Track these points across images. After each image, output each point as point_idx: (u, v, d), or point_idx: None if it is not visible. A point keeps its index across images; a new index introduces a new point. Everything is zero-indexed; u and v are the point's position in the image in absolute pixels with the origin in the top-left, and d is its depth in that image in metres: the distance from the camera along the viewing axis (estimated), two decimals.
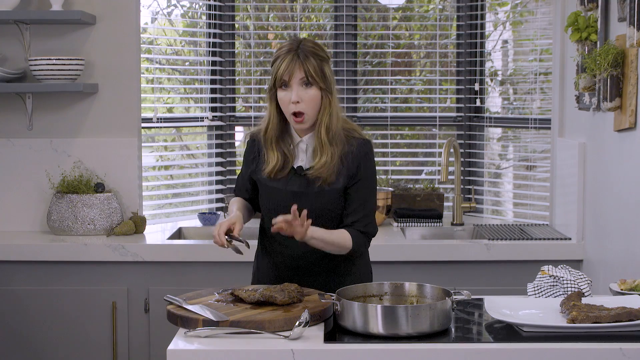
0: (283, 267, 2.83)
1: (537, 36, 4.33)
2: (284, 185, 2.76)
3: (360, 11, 4.73)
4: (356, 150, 2.75)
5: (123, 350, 3.80)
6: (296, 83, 2.69)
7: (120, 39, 4.06)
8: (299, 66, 2.68)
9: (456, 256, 3.79)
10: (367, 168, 2.77)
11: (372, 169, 2.79)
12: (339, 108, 2.78)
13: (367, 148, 2.78)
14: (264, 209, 2.84)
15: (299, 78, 2.69)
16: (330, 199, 2.74)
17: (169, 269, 3.79)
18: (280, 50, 2.73)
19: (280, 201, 2.76)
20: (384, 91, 4.72)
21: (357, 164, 2.75)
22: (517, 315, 2.37)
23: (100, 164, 4.08)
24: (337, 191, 2.74)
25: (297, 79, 2.69)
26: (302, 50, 2.70)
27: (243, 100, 4.71)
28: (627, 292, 2.54)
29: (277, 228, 2.57)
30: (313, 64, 2.69)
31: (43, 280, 3.78)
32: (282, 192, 2.76)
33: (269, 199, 2.80)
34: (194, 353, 2.18)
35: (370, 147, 2.79)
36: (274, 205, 2.78)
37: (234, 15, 4.64)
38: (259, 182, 2.83)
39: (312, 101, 2.70)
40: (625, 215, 3.20)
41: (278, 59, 2.71)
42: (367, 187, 2.77)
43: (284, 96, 2.71)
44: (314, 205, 2.71)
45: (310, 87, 2.70)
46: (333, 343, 2.21)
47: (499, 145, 4.66)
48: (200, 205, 4.60)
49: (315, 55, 2.71)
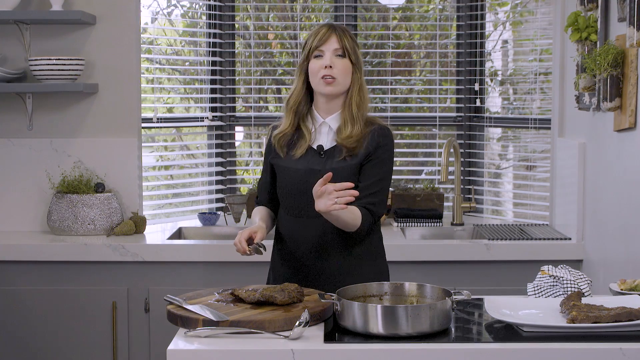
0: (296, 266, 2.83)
1: (537, 36, 4.33)
2: (300, 164, 2.79)
3: (360, 11, 4.73)
4: (377, 131, 2.79)
5: (123, 350, 3.80)
6: (330, 52, 2.77)
7: (120, 39, 4.07)
8: (335, 38, 2.77)
9: (456, 256, 3.79)
10: (386, 150, 2.80)
11: (391, 152, 2.82)
12: (367, 88, 2.86)
13: (389, 133, 2.83)
14: (280, 191, 2.85)
15: (333, 48, 2.77)
16: (346, 175, 2.74)
17: (169, 269, 3.79)
18: (315, 28, 2.82)
19: (295, 179, 2.78)
20: (384, 91, 4.72)
21: (376, 144, 2.77)
22: (517, 315, 2.37)
23: (100, 164, 4.08)
24: (353, 167, 2.75)
25: (332, 49, 2.77)
26: (338, 27, 2.81)
27: (243, 100, 4.71)
28: (627, 292, 2.54)
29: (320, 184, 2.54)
30: (349, 39, 2.79)
31: (43, 280, 3.78)
32: (299, 171, 2.78)
33: (284, 178, 2.81)
34: (194, 353, 2.18)
35: (391, 134, 2.84)
36: (289, 183, 2.79)
37: (234, 15, 4.64)
38: (276, 167, 2.85)
39: (345, 69, 2.77)
40: (625, 215, 3.20)
41: (313, 34, 2.80)
42: (384, 167, 2.80)
43: (317, 63, 2.77)
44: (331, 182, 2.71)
45: (343, 59, 2.77)
46: (333, 343, 2.21)
47: (499, 145, 4.66)
48: (200, 205, 4.60)
49: (349, 33, 2.82)
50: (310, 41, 2.79)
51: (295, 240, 2.82)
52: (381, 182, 2.78)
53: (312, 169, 2.76)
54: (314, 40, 2.78)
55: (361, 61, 2.83)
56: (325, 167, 2.75)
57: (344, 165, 2.75)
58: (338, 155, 2.76)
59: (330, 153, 2.78)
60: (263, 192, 2.94)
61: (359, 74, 2.80)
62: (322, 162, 2.77)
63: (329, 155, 2.78)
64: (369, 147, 2.76)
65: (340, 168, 2.74)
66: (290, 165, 2.81)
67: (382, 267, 2.91)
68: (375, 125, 2.81)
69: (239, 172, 4.75)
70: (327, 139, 2.81)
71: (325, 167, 2.75)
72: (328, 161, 2.76)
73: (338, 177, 2.69)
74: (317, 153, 2.79)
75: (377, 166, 2.78)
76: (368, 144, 2.76)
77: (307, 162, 2.78)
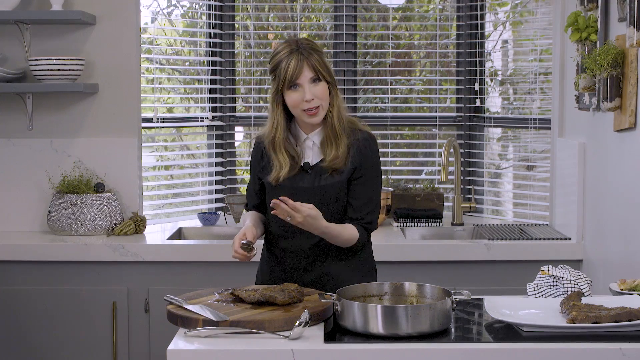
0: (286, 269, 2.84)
1: (537, 36, 4.33)
2: (290, 183, 2.78)
3: (360, 11, 4.73)
4: (361, 142, 2.78)
5: (123, 350, 3.80)
6: (306, 82, 2.71)
7: (120, 39, 4.07)
8: (306, 65, 2.70)
9: (456, 256, 3.79)
10: (373, 164, 2.80)
11: (377, 164, 2.82)
12: (342, 98, 2.83)
13: (372, 142, 2.81)
14: (268, 207, 2.84)
15: (308, 77, 2.71)
16: (334, 192, 2.75)
17: (169, 269, 3.79)
18: (279, 54, 2.73)
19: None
20: (384, 91, 4.72)
21: (362, 157, 2.77)
22: (517, 315, 2.37)
23: (100, 164, 4.08)
24: (341, 183, 2.76)
25: (307, 77, 2.71)
26: (303, 48, 2.72)
27: (243, 100, 4.71)
28: (627, 292, 2.54)
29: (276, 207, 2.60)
30: (317, 59, 2.72)
31: (43, 280, 3.78)
32: (288, 189, 2.77)
33: (272, 195, 2.80)
34: (194, 353, 2.18)
35: (375, 142, 2.82)
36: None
37: (234, 15, 4.64)
38: (266, 184, 2.84)
39: (324, 94, 2.74)
40: (625, 215, 3.20)
41: (282, 63, 2.71)
42: (374, 183, 2.80)
43: (295, 97, 2.72)
44: (320, 199, 2.73)
45: (319, 83, 2.73)
46: (333, 343, 2.21)
47: (499, 145, 4.66)
48: (201, 205, 4.60)
49: (315, 50, 2.74)
50: (282, 74, 2.71)
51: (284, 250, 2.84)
52: (374, 200, 2.81)
53: (299, 187, 2.77)
54: (287, 71, 2.70)
55: (333, 73, 2.78)
56: (313, 185, 2.76)
57: (332, 182, 2.76)
58: (324, 172, 2.77)
59: (316, 169, 2.78)
60: (252, 197, 2.93)
61: (335, 90, 2.77)
62: (309, 179, 2.77)
63: (315, 171, 2.78)
64: (354, 162, 2.76)
65: (329, 185, 2.75)
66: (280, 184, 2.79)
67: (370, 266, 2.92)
68: (358, 135, 2.79)
69: (239, 172, 4.75)
70: (312, 154, 2.80)
71: (312, 185, 2.76)
72: (316, 179, 2.77)
73: (328, 194, 2.74)
74: (304, 170, 2.79)
75: (368, 184, 2.79)
76: (353, 157, 2.76)
77: (295, 179, 2.78)
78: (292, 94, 2.72)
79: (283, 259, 2.85)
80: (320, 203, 2.71)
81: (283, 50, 2.73)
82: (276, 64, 2.73)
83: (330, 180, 2.75)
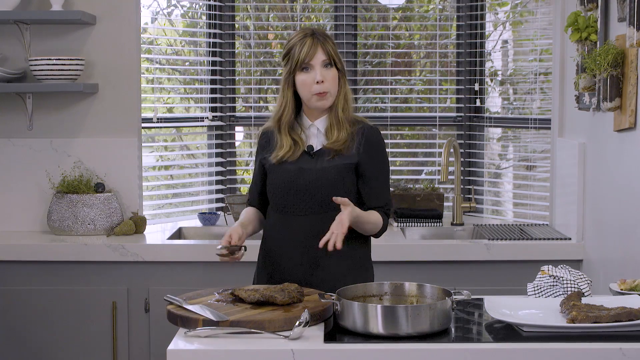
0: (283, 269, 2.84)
1: (537, 36, 4.33)
2: (290, 164, 2.81)
3: (360, 11, 4.73)
4: (367, 130, 2.83)
5: (123, 350, 3.80)
6: (318, 64, 2.76)
7: (120, 39, 4.07)
8: (320, 48, 2.76)
9: (456, 256, 3.79)
10: (380, 151, 2.85)
11: (385, 152, 2.87)
12: (350, 90, 2.88)
13: (378, 132, 2.86)
14: (269, 188, 2.86)
15: (321, 60, 2.77)
16: (336, 174, 2.77)
17: (169, 269, 3.79)
18: (294, 38, 2.80)
19: (285, 177, 2.80)
20: (384, 91, 4.72)
21: (369, 145, 2.81)
22: (517, 315, 2.37)
23: (100, 164, 4.08)
24: (341, 166, 2.78)
25: (320, 60, 2.76)
26: (319, 34, 2.79)
27: (243, 100, 4.71)
28: (627, 292, 2.54)
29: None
30: (331, 46, 2.80)
31: (43, 280, 3.78)
32: (289, 170, 2.80)
33: (274, 176, 2.83)
34: (194, 353, 2.18)
35: (380, 133, 2.88)
36: (279, 181, 2.81)
37: (234, 15, 4.64)
38: (267, 165, 2.86)
39: (334, 80, 2.79)
40: (625, 215, 3.20)
41: (296, 45, 2.77)
42: (386, 172, 2.87)
43: (306, 78, 2.77)
44: (322, 181, 2.76)
45: (330, 68, 2.78)
46: (333, 343, 2.21)
47: (498, 145, 4.66)
48: (201, 205, 4.60)
49: (329, 38, 2.82)
50: (296, 54, 2.77)
51: (280, 237, 2.84)
52: (387, 186, 2.88)
53: (302, 167, 2.80)
54: (300, 53, 2.76)
55: (344, 64, 2.85)
56: (316, 167, 2.79)
57: (332, 165, 2.78)
58: (327, 155, 2.80)
59: (320, 153, 2.82)
60: (254, 192, 2.95)
61: (344, 80, 2.83)
62: (312, 162, 2.80)
63: (318, 155, 2.81)
64: (358, 147, 2.80)
65: (330, 167, 2.78)
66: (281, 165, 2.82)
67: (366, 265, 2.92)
68: (363, 124, 2.84)
69: (239, 172, 4.76)
70: (316, 140, 2.84)
71: (315, 167, 2.79)
72: (318, 161, 2.80)
73: (329, 175, 2.77)
74: (307, 153, 2.82)
75: (381, 175, 2.84)
76: (357, 143, 2.80)
77: (297, 161, 2.81)
78: (302, 75, 2.77)
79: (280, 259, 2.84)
80: (321, 185, 2.75)
81: (297, 35, 2.80)
82: (290, 47, 2.79)
83: (332, 162, 2.78)
